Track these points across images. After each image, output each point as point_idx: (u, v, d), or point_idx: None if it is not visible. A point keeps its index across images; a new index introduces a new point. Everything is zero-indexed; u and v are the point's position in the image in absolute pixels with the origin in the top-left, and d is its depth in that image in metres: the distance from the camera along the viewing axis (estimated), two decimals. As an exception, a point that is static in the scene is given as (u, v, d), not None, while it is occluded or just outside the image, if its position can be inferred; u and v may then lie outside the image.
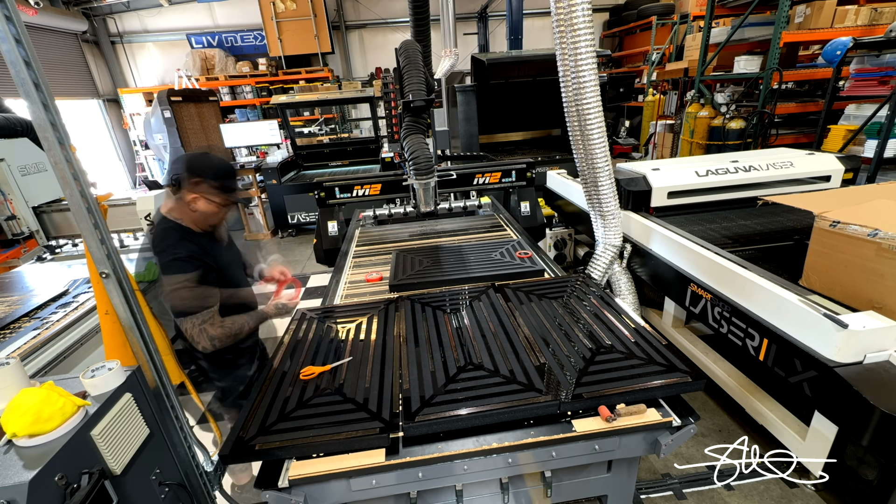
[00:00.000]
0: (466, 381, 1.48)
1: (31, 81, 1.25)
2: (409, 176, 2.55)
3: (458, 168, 3.82)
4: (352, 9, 11.70)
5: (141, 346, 1.61)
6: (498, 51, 10.42)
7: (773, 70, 5.11)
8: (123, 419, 1.41)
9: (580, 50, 2.14)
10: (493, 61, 6.05)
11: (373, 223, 3.68)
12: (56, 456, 1.17)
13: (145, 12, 11.19)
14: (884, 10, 5.00)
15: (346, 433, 1.28)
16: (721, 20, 7.00)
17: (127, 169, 11.84)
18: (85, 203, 1.40)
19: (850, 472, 1.98)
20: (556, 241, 4.35)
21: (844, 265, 1.96)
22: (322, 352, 1.72)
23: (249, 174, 6.76)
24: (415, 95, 2.38)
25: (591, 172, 2.45)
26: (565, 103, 2.37)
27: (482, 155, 6.27)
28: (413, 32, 3.26)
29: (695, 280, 2.46)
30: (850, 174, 3.13)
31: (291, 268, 5.71)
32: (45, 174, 3.78)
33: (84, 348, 2.80)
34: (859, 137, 4.32)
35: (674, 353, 1.54)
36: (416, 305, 2.03)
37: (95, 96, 11.07)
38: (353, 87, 8.68)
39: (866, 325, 1.75)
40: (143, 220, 3.40)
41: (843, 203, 2.14)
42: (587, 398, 1.37)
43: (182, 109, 7.53)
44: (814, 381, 1.87)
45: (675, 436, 1.38)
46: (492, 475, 1.42)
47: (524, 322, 1.82)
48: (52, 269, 3.80)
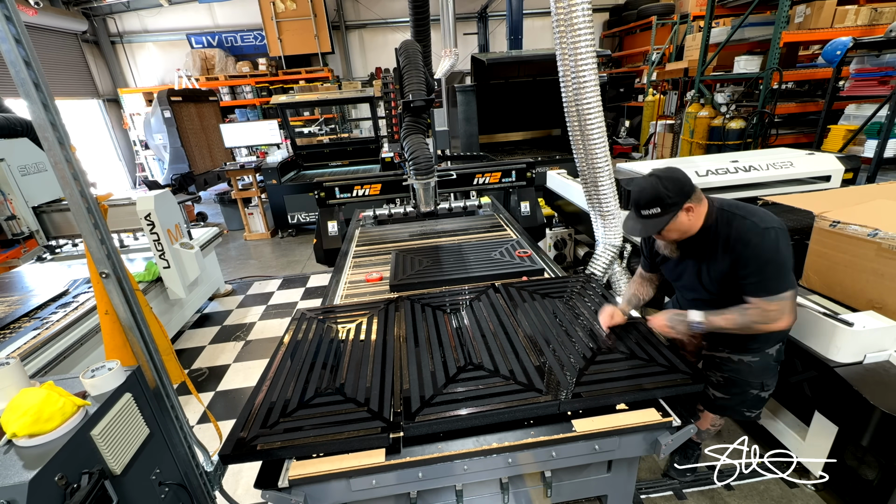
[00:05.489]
0: (466, 381, 1.48)
1: (31, 81, 1.25)
2: (409, 176, 2.55)
3: (458, 168, 3.82)
4: (352, 9, 11.70)
5: (141, 346, 1.61)
6: (498, 51, 10.42)
7: (773, 70, 5.11)
8: (123, 419, 1.41)
9: (580, 50, 2.14)
10: (493, 61, 6.05)
11: (373, 223, 3.68)
12: (56, 456, 1.17)
13: (145, 12, 11.19)
14: (884, 10, 5.00)
15: (347, 433, 1.28)
16: (721, 20, 7.01)
17: (127, 169, 11.84)
18: (85, 203, 1.40)
19: (850, 472, 1.98)
20: (556, 241, 4.35)
21: (844, 265, 1.96)
22: (322, 352, 1.72)
23: (249, 174, 6.76)
24: (415, 95, 2.38)
25: (591, 172, 2.46)
26: (565, 103, 2.37)
27: (482, 155, 6.27)
28: (413, 32, 3.26)
29: (695, 280, 2.45)
30: (850, 174, 3.13)
31: (291, 268, 5.72)
32: (45, 174, 3.78)
33: (84, 348, 2.80)
34: (859, 137, 4.32)
35: (674, 353, 1.54)
36: (416, 305, 2.03)
37: (95, 96, 11.07)
38: (353, 87, 8.68)
39: (866, 325, 1.75)
40: (143, 220, 3.40)
41: (843, 203, 2.15)
42: (587, 398, 1.37)
43: (182, 109, 7.53)
44: (814, 381, 1.87)
45: (675, 436, 1.38)
46: (492, 475, 1.42)
47: (524, 322, 1.82)
48: (52, 269, 3.80)
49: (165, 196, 3.59)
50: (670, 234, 1.64)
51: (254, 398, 1.47)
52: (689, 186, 1.56)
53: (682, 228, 1.60)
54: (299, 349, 1.75)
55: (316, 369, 1.60)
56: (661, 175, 1.57)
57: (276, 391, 1.49)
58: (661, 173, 1.58)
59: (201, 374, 3.58)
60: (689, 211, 1.57)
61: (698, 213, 1.59)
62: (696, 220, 1.60)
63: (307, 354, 1.70)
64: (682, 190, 1.54)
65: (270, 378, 1.57)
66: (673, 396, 1.44)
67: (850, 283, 1.95)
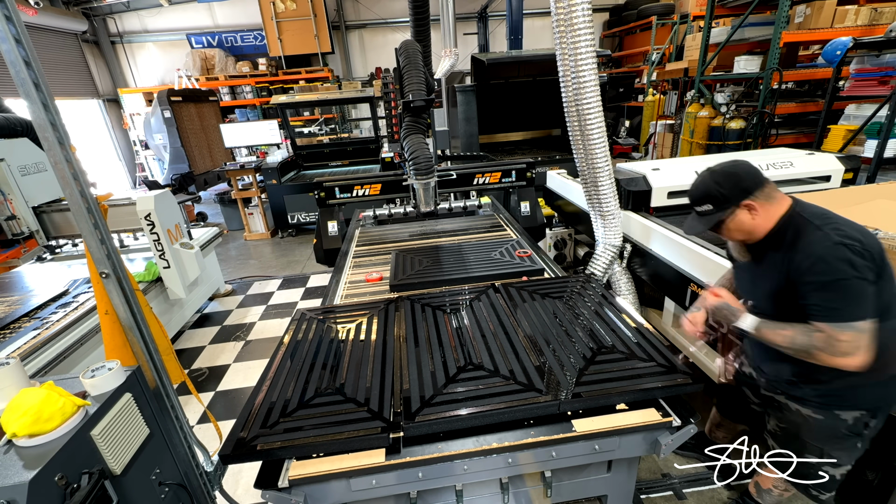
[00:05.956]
0: (466, 381, 1.48)
1: (31, 81, 1.25)
2: (409, 176, 2.55)
3: (458, 168, 3.82)
4: (352, 9, 11.70)
5: (141, 346, 1.61)
6: (498, 51, 10.42)
7: (773, 70, 5.11)
8: (123, 419, 1.41)
9: (580, 50, 2.14)
10: (493, 61, 6.05)
11: (373, 223, 3.68)
12: (56, 456, 1.17)
13: (145, 12, 11.20)
14: (884, 10, 5.00)
15: (347, 433, 1.28)
16: (721, 20, 7.00)
17: (127, 169, 11.84)
18: (85, 203, 1.40)
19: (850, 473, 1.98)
20: (556, 241, 4.35)
21: (844, 265, 1.95)
22: (322, 352, 1.72)
23: (249, 174, 6.76)
24: (415, 95, 2.38)
25: (591, 172, 2.46)
26: (565, 103, 2.37)
27: (482, 155, 6.27)
28: (413, 32, 3.26)
29: (695, 280, 2.45)
30: (850, 174, 3.12)
31: (291, 268, 5.72)
32: (45, 174, 3.78)
33: (84, 348, 2.80)
34: (859, 137, 4.32)
35: (674, 353, 1.54)
36: (416, 305, 2.03)
37: (95, 96, 11.08)
38: (353, 87, 8.68)
39: (866, 325, 1.74)
40: (143, 220, 3.40)
41: (843, 203, 2.14)
42: (587, 398, 1.37)
43: (182, 109, 7.54)
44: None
45: (675, 436, 1.38)
46: (492, 475, 1.42)
47: (524, 322, 1.82)
48: (52, 269, 3.80)
49: (165, 196, 3.59)
50: (733, 235, 1.47)
51: (254, 398, 1.47)
52: (750, 182, 1.39)
53: (744, 229, 1.43)
54: (299, 349, 1.75)
55: (316, 369, 1.60)
56: (716, 169, 1.44)
57: (276, 391, 1.49)
58: (717, 167, 1.45)
59: (201, 374, 3.58)
60: (752, 210, 1.39)
61: (766, 214, 1.40)
62: (763, 222, 1.41)
63: (307, 354, 1.70)
64: (740, 185, 1.38)
65: (270, 378, 1.57)
66: (673, 396, 1.44)
67: (850, 283, 1.95)
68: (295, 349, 1.75)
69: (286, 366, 1.64)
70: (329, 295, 2.43)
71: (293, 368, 1.62)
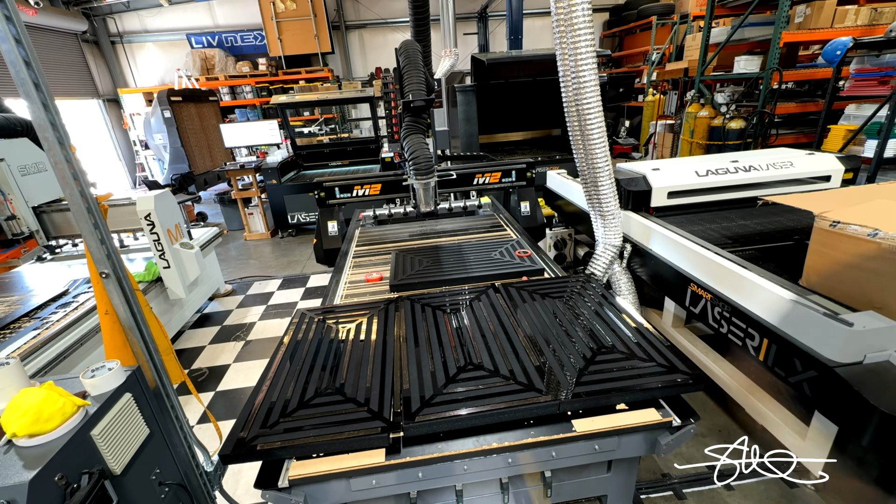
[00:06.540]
0: (466, 381, 1.48)
1: (31, 81, 1.25)
2: (409, 176, 2.55)
3: (458, 168, 3.82)
4: (352, 9, 11.70)
5: (141, 346, 1.61)
6: (498, 51, 10.42)
7: (773, 70, 5.11)
8: (123, 419, 1.41)
9: (580, 50, 2.14)
10: (493, 61, 6.05)
11: (373, 223, 3.68)
12: (56, 456, 1.17)
13: (145, 12, 11.20)
14: (884, 10, 5.01)
15: (347, 433, 1.28)
16: (721, 20, 7.01)
17: (127, 169, 11.85)
18: (85, 203, 1.41)
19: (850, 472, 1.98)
20: (556, 241, 4.35)
21: (844, 265, 1.96)
22: (322, 352, 1.72)
23: (249, 174, 6.76)
24: (415, 95, 2.38)
25: (591, 172, 2.45)
26: (565, 103, 2.37)
27: (482, 155, 6.27)
28: (413, 32, 3.25)
29: (695, 280, 2.46)
30: (850, 174, 3.12)
31: (291, 268, 5.72)
32: (45, 174, 3.78)
33: (84, 348, 2.80)
34: (859, 137, 4.32)
35: (674, 353, 1.54)
36: (416, 305, 2.03)
37: (95, 96, 11.08)
38: (353, 87, 8.68)
39: (866, 325, 1.74)
40: (143, 220, 3.40)
41: (843, 203, 2.14)
42: (587, 398, 1.37)
43: (182, 109, 7.54)
44: (814, 381, 1.87)
45: (675, 436, 1.38)
46: (492, 475, 1.42)
47: (524, 322, 1.82)
48: (52, 269, 3.80)
49: (165, 196, 3.59)
50: None
51: (254, 398, 1.46)
52: None
53: None
54: (299, 349, 1.74)
55: (316, 369, 1.60)
56: None
57: (276, 391, 1.49)
58: None
59: (201, 374, 3.58)
60: None
61: None
62: None
63: (307, 354, 1.70)
64: None
65: (270, 378, 1.57)
66: (673, 396, 1.44)
67: (850, 283, 1.95)
68: (295, 349, 1.75)
69: (286, 366, 1.64)
70: (329, 295, 2.43)
71: (293, 368, 1.61)
